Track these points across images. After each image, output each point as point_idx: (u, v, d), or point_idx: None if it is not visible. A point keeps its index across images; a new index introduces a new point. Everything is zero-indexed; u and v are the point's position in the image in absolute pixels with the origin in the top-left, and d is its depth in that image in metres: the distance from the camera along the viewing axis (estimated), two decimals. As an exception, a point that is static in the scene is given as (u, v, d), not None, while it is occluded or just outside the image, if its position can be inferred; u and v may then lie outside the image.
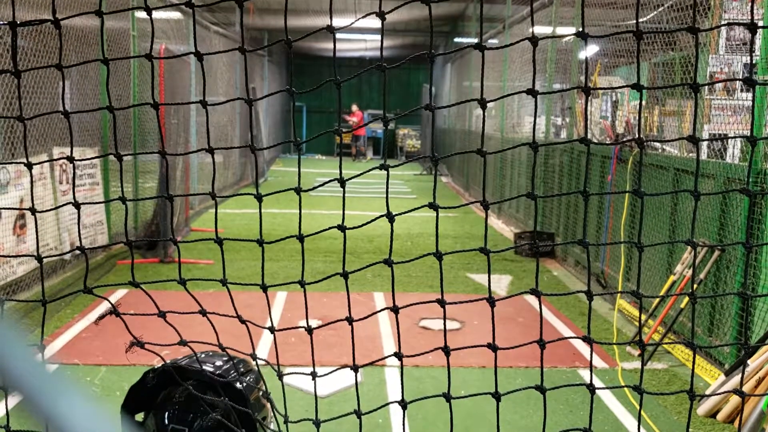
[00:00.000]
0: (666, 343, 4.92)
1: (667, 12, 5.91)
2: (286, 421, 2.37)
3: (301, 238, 2.08)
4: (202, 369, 2.20)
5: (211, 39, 12.12)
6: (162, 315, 2.16)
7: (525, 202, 9.65)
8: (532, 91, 1.86)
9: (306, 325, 2.15)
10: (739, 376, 3.79)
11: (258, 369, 2.35)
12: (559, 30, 8.65)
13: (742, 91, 5.19)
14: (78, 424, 0.54)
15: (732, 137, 4.26)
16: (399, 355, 2.08)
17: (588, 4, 6.90)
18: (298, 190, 2.05)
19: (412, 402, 2.19)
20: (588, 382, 2.05)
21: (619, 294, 6.12)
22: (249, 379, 2.30)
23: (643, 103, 4.94)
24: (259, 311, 5.46)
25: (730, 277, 4.63)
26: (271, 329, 2.18)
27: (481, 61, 1.89)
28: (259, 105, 16.31)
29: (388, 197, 2.07)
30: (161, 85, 7.59)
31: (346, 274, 2.06)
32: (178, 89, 8.53)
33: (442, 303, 2.02)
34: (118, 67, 7.70)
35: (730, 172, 4.64)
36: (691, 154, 5.49)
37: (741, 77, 5.15)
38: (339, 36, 1.89)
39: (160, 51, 7.82)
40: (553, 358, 4.81)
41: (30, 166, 2.19)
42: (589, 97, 1.82)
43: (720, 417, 4.01)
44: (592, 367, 2.14)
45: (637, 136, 1.83)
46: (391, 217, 1.99)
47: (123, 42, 8.12)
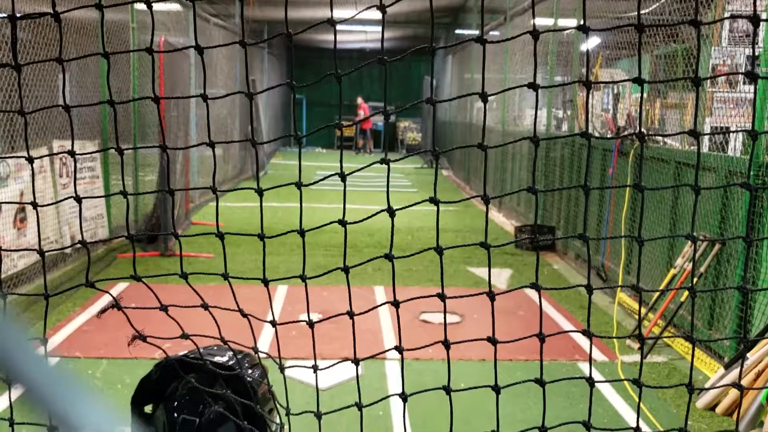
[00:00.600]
0: (666, 336, 4.92)
1: (669, 3, 5.89)
2: (288, 414, 2.38)
3: (302, 232, 2.08)
4: (211, 361, 2.21)
5: (211, 31, 12.09)
6: (164, 308, 2.16)
7: (526, 195, 9.65)
8: (534, 85, 1.86)
9: (307, 319, 2.15)
10: (738, 369, 3.80)
11: (261, 363, 2.36)
12: (561, 22, 8.63)
13: (744, 83, 5.18)
14: (80, 416, 0.55)
15: (733, 131, 4.25)
16: (399, 348, 2.08)
17: (589, -4, 6.87)
18: (299, 185, 2.05)
19: (412, 395, 2.20)
20: (588, 375, 2.05)
21: (619, 287, 6.13)
22: (256, 374, 2.31)
23: (645, 95, 4.93)
24: (261, 305, 5.45)
25: (731, 270, 4.63)
26: (273, 323, 2.18)
27: (482, 54, 1.89)
28: (259, 98, 16.28)
29: (388, 191, 2.07)
30: (161, 78, 7.58)
31: (346, 269, 2.06)
32: (178, 82, 8.51)
33: (443, 297, 2.03)
34: (117, 60, 7.68)
35: (731, 166, 4.64)
36: (692, 147, 5.48)
37: (743, 70, 5.14)
38: (339, 28, 1.88)
39: (159, 43, 7.80)
40: (553, 352, 4.81)
41: (31, 160, 2.18)
42: (591, 90, 1.82)
43: (719, 410, 4.02)
44: (591, 360, 2.15)
45: (638, 130, 1.83)
46: (391, 212, 1.99)
47: (123, 34, 8.11)
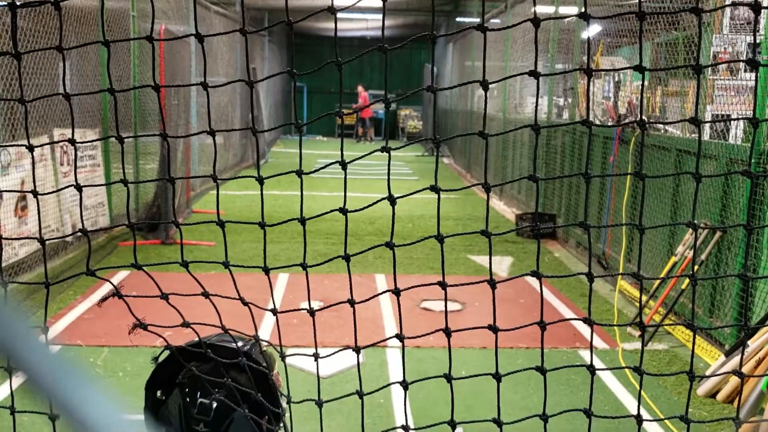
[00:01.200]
0: (667, 324, 4.94)
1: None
2: (289, 402, 2.39)
3: (302, 220, 2.08)
4: (226, 347, 2.22)
5: (212, 19, 12.04)
6: (164, 297, 2.16)
7: (527, 183, 9.64)
8: (535, 73, 1.85)
9: (308, 307, 2.16)
10: (739, 356, 3.80)
11: (266, 351, 2.37)
12: (562, 9, 8.59)
13: (745, 71, 5.16)
14: (82, 404, 0.55)
15: (734, 119, 4.24)
16: (400, 336, 2.09)
17: (591, -17, 6.84)
18: (300, 173, 2.04)
19: (413, 382, 2.20)
20: (588, 362, 2.05)
21: (620, 275, 6.14)
22: (268, 360, 2.34)
23: (646, 83, 4.91)
24: (261, 293, 5.46)
25: (731, 258, 4.63)
26: (274, 311, 2.19)
27: (483, 42, 1.88)
28: (259, 86, 16.23)
29: (389, 179, 2.07)
30: (161, 66, 7.56)
31: (347, 257, 2.06)
32: (178, 70, 8.49)
33: (444, 285, 2.03)
34: (118, 48, 7.66)
35: (732, 153, 4.63)
36: (693, 135, 5.47)
37: (744, 58, 5.11)
38: (340, 15, 1.87)
39: (160, 31, 7.77)
40: (554, 339, 4.83)
41: (31, 148, 2.18)
42: (592, 78, 1.81)
43: (720, 397, 4.03)
44: (592, 347, 2.15)
45: (639, 117, 1.82)
46: (392, 200, 1.99)
47: (123, 22, 8.07)
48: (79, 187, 2.18)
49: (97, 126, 7.49)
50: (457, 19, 17.97)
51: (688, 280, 4.71)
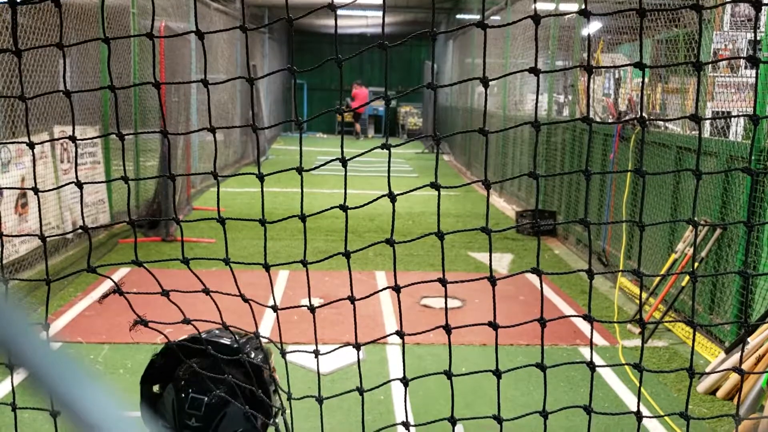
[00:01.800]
0: (667, 321, 4.94)
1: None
2: (290, 398, 2.40)
3: (303, 217, 2.08)
4: (217, 343, 2.23)
5: (212, 16, 12.03)
6: (165, 294, 2.17)
7: (527, 180, 9.64)
8: (535, 70, 1.85)
9: (308, 304, 2.16)
10: (739, 353, 3.81)
11: (263, 346, 2.38)
12: (562, 6, 8.58)
13: (746, 68, 5.15)
14: (83, 400, 0.55)
15: (735, 116, 4.24)
16: (400, 333, 2.09)
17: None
18: (300, 170, 2.04)
19: (413, 379, 2.21)
20: (588, 359, 2.06)
21: (620, 272, 6.14)
22: (259, 357, 2.35)
23: (646, 80, 4.90)
24: (262, 290, 5.48)
25: (732, 255, 4.63)
26: (274, 308, 2.19)
27: (484, 39, 1.88)
28: (259, 83, 16.23)
29: (389, 176, 2.07)
30: (162, 63, 7.55)
31: (348, 254, 2.07)
32: (178, 67, 8.48)
33: (444, 282, 2.03)
34: (118, 45, 7.65)
35: (732, 150, 4.63)
36: (693, 132, 5.47)
37: (745, 55, 5.11)
38: (340, 13, 1.88)
39: (160, 28, 7.77)
40: (554, 336, 4.83)
41: (32, 145, 2.18)
42: (592, 75, 1.81)
43: (719, 394, 4.04)
44: (592, 344, 2.15)
45: (639, 114, 1.82)
46: (392, 197, 1.99)
47: (123, 19, 8.07)
48: (79, 184, 2.19)
49: (97, 123, 7.48)
50: (457, 16, 17.95)
51: (688, 278, 4.71)
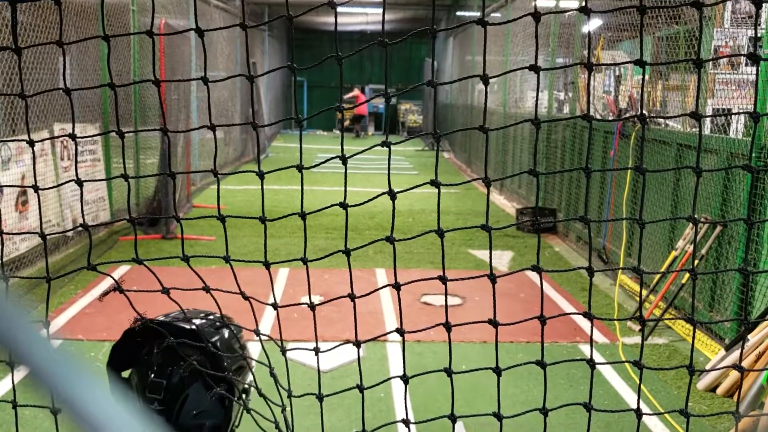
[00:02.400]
0: (667, 318, 4.94)
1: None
2: (290, 396, 2.40)
3: (303, 215, 2.08)
4: (175, 326, 2.25)
5: (212, 13, 12.02)
6: (165, 291, 2.17)
7: (527, 177, 9.64)
8: (535, 67, 1.85)
9: (308, 302, 2.16)
10: (739, 351, 3.81)
11: (230, 324, 2.37)
12: (563, 3, 8.57)
13: (746, 65, 5.15)
14: (83, 398, 0.55)
15: (735, 113, 4.24)
16: (401, 330, 2.09)
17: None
18: (300, 167, 2.04)
19: (413, 377, 2.21)
20: (588, 357, 2.06)
21: (620, 270, 6.14)
22: (224, 333, 2.34)
23: (647, 77, 4.90)
24: (262, 287, 5.48)
25: (732, 252, 4.63)
26: (274, 305, 2.19)
27: (484, 36, 1.88)
28: (259, 80, 16.21)
29: (389, 174, 2.07)
30: (161, 61, 7.55)
31: (348, 251, 2.07)
32: (178, 64, 8.48)
33: (444, 279, 2.03)
34: (118, 43, 7.65)
35: (733, 148, 4.62)
36: (694, 129, 5.46)
37: (746, 52, 5.10)
38: (340, 10, 1.87)
39: (160, 26, 7.76)
40: (554, 334, 4.83)
41: (32, 143, 2.18)
42: (592, 72, 1.81)
43: (719, 391, 4.04)
44: (592, 342, 2.16)
45: (640, 112, 1.82)
46: (392, 194, 1.99)
47: (123, 17, 8.06)
48: (79, 182, 2.19)
49: (97, 121, 7.48)
50: (458, 13, 17.93)
51: (688, 275, 4.71)
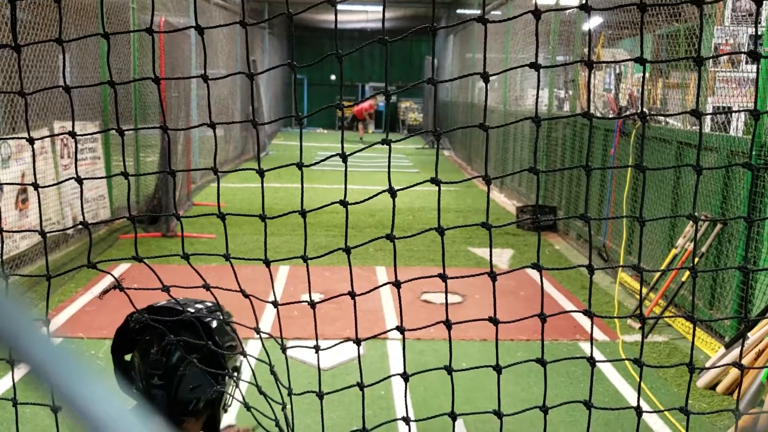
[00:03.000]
0: (667, 316, 4.94)
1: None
2: (290, 393, 2.40)
3: (303, 212, 2.08)
4: (175, 308, 2.35)
5: (211, 11, 12.01)
6: (165, 289, 2.17)
7: (527, 175, 9.64)
8: (535, 65, 1.85)
9: (309, 299, 2.16)
10: (739, 348, 3.81)
11: (228, 313, 2.45)
12: (563, 1, 8.56)
13: (747, 63, 5.14)
14: (83, 396, 0.55)
15: (735, 111, 4.24)
16: (401, 328, 2.09)
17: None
18: (300, 165, 2.04)
19: (413, 374, 2.21)
20: (589, 354, 2.06)
21: (620, 267, 6.14)
22: (218, 317, 2.46)
23: (647, 75, 4.89)
24: (262, 285, 5.48)
25: (732, 250, 4.63)
26: (274, 303, 2.19)
27: (484, 34, 1.87)
28: (259, 78, 16.21)
29: (390, 171, 2.07)
30: (161, 59, 7.54)
31: (348, 249, 2.06)
32: (178, 62, 8.47)
33: (444, 277, 2.03)
34: (117, 41, 7.64)
35: (733, 146, 4.62)
36: (694, 127, 5.46)
37: (746, 50, 5.10)
38: (340, 7, 1.87)
39: (160, 23, 7.75)
40: (554, 332, 4.83)
41: (32, 141, 2.18)
42: (593, 70, 1.81)
43: (719, 389, 4.04)
44: (592, 340, 2.15)
45: (640, 109, 1.82)
46: (393, 192, 1.99)
47: (122, 14, 8.06)
48: (79, 180, 2.18)
49: (97, 118, 7.48)
50: (458, 10, 17.91)
51: (688, 273, 4.72)
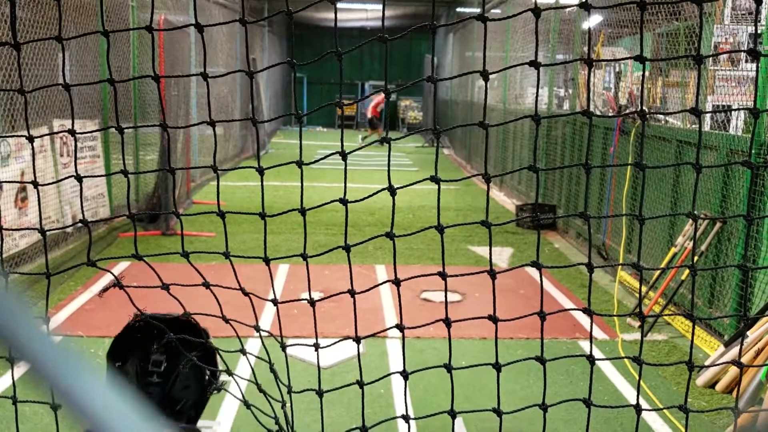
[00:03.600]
0: (666, 314, 4.95)
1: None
2: (290, 391, 2.40)
3: (303, 211, 2.08)
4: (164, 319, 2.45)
5: (211, 9, 12.00)
6: (165, 287, 2.17)
7: (527, 174, 9.64)
8: (535, 63, 1.85)
9: (308, 298, 2.16)
10: (738, 347, 3.81)
11: (205, 332, 2.56)
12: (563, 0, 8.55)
13: (746, 62, 5.14)
14: (83, 394, 0.55)
15: (735, 109, 4.24)
16: (400, 326, 2.09)
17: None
18: (300, 163, 2.04)
19: (413, 373, 2.21)
20: (588, 353, 2.06)
21: (620, 266, 6.14)
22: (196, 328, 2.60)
23: (647, 74, 4.90)
24: (262, 283, 5.49)
25: (731, 249, 4.64)
26: (274, 301, 2.19)
27: (484, 32, 1.87)
28: (259, 76, 16.19)
29: (389, 170, 2.07)
30: (161, 57, 7.54)
31: (348, 247, 2.07)
32: (178, 60, 8.47)
33: (444, 275, 2.03)
34: (117, 39, 7.64)
35: (732, 144, 4.62)
36: (693, 126, 5.46)
37: (746, 48, 5.10)
38: (340, 6, 1.87)
39: (159, 21, 7.75)
40: (554, 330, 4.84)
41: (31, 139, 2.18)
42: (592, 69, 1.81)
43: (719, 387, 4.05)
44: (592, 338, 2.16)
45: (639, 108, 1.82)
46: (392, 190, 1.99)
47: (122, 13, 8.05)
48: (79, 178, 2.19)
49: (96, 117, 7.47)
50: (458, 9, 17.90)
51: (687, 271, 4.72)
